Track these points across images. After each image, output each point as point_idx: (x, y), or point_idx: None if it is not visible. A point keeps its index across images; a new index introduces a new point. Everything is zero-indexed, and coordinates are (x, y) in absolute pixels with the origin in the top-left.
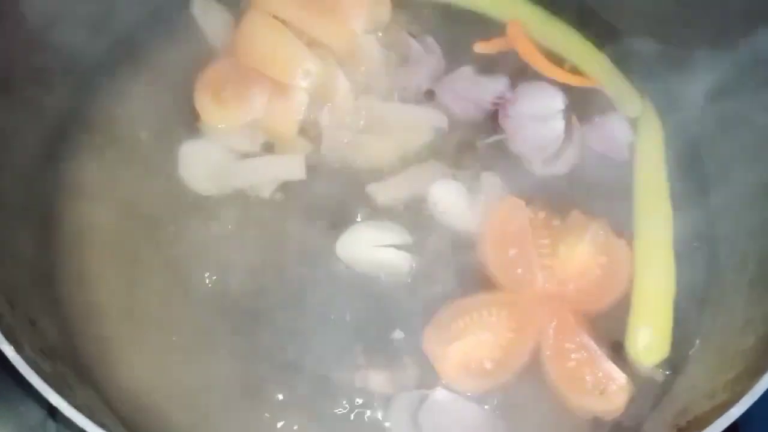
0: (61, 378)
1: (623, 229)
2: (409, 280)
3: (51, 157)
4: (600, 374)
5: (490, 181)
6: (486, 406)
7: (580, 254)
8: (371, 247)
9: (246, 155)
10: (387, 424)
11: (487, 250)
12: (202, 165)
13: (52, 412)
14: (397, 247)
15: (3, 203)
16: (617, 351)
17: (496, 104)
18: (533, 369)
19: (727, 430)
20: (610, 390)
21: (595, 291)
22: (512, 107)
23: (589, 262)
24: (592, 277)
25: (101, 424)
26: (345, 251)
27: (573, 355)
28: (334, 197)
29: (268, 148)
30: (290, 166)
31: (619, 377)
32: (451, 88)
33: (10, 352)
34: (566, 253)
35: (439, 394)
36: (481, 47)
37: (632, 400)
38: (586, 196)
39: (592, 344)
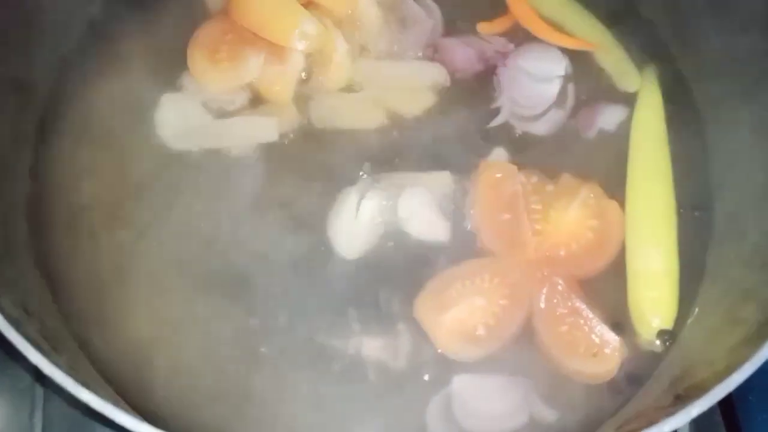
0: (45, 339)
1: (614, 191)
2: (402, 247)
3: (39, 124)
4: (593, 337)
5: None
6: (503, 374)
7: (572, 218)
8: (365, 215)
9: (226, 115)
10: (379, 391)
11: (479, 215)
12: (178, 121)
13: (40, 376)
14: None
15: None
16: (610, 314)
17: (499, 55)
18: (526, 335)
19: (722, 402)
20: (603, 352)
21: (588, 255)
22: (512, 59)
23: (581, 226)
24: (583, 241)
25: (84, 384)
26: (339, 220)
27: (565, 320)
28: (327, 161)
29: (251, 108)
30: (264, 128)
31: (612, 339)
32: (455, 41)
33: None
34: (557, 218)
35: (457, 383)
36: (483, 27)
37: (628, 366)
38: (577, 160)
39: (585, 308)
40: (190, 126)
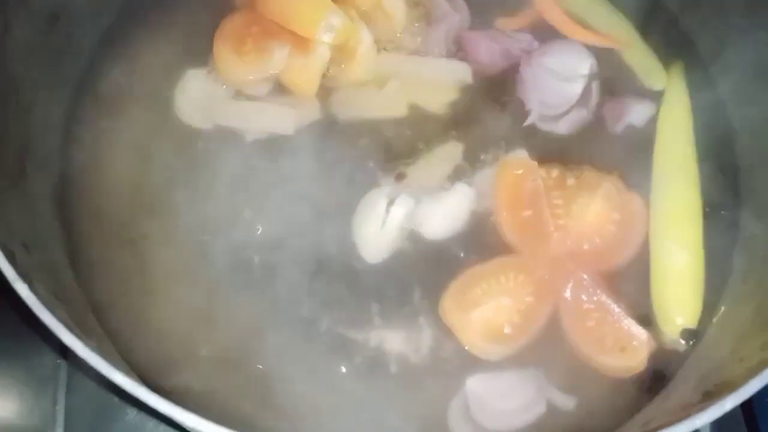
0: (73, 321)
1: (637, 184)
2: (425, 244)
3: (69, 111)
4: (620, 332)
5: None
6: (517, 368)
7: (594, 212)
8: (393, 222)
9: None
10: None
11: (501, 212)
12: (199, 97)
13: (65, 353)
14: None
15: (22, 154)
16: (636, 307)
17: (523, 53)
18: (552, 331)
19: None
20: (632, 346)
21: (611, 248)
22: (537, 57)
23: (603, 220)
24: (606, 234)
25: (116, 366)
26: (366, 226)
27: (592, 315)
28: (350, 155)
29: (274, 97)
30: (280, 119)
31: (639, 333)
32: (480, 35)
33: (24, 291)
34: (579, 212)
35: (472, 384)
36: (503, 23)
37: (653, 362)
38: (599, 153)
39: (611, 302)
40: (210, 103)
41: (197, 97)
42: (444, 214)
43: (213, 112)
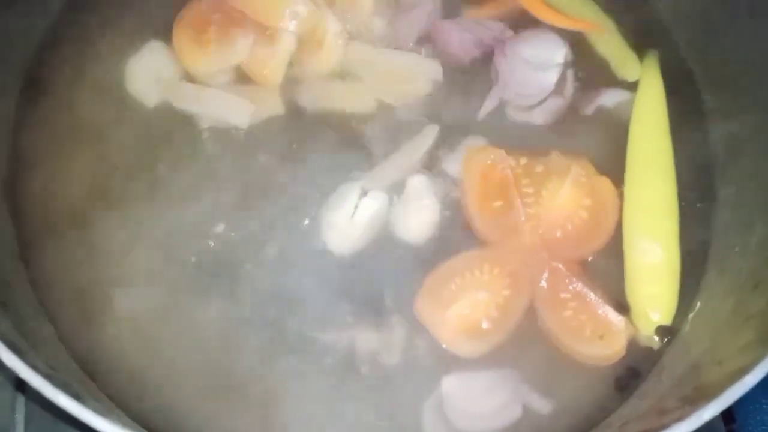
0: (24, 336)
1: (607, 168)
2: (396, 241)
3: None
4: (597, 320)
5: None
6: (493, 368)
7: (565, 199)
8: (363, 214)
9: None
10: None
11: (471, 204)
12: (150, 74)
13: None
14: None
15: None
16: (612, 294)
17: (496, 42)
18: (528, 329)
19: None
20: (610, 334)
21: (584, 235)
22: (511, 47)
23: (575, 206)
24: (578, 221)
25: (65, 385)
26: (335, 216)
27: (569, 304)
28: (316, 147)
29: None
30: (235, 110)
31: (617, 320)
32: (452, 24)
33: None
34: (550, 199)
35: (447, 384)
36: (474, 13)
37: (628, 360)
38: (568, 137)
39: (587, 291)
40: (164, 83)
41: (150, 73)
42: (416, 214)
43: (167, 92)
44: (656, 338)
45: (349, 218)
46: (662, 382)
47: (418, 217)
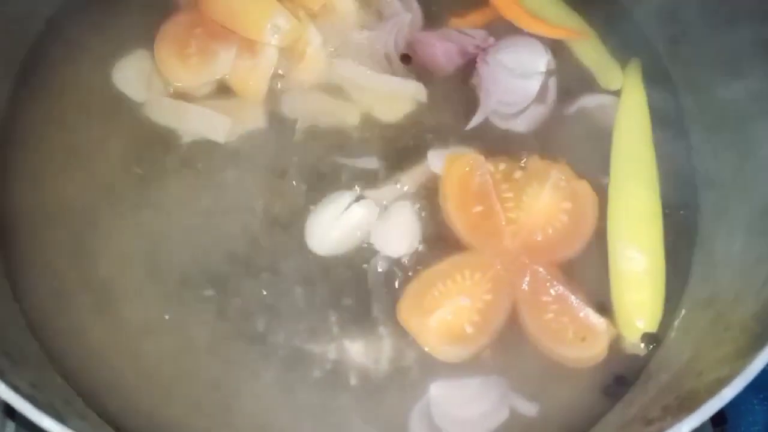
0: (6, 354)
1: (587, 171)
2: (380, 250)
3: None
4: (579, 322)
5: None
6: (480, 375)
7: (544, 203)
8: (350, 219)
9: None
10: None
11: (451, 210)
12: (138, 75)
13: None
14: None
15: None
16: (593, 295)
17: (479, 50)
18: (513, 334)
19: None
20: (592, 336)
21: (564, 238)
22: (493, 55)
23: (555, 210)
24: (558, 224)
25: (47, 405)
26: (318, 217)
27: (550, 307)
28: (301, 160)
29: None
30: (213, 126)
31: (599, 322)
32: (434, 35)
33: None
34: (530, 204)
35: (435, 391)
36: (456, 23)
37: (613, 367)
38: (548, 143)
39: (568, 294)
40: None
41: (138, 82)
42: (399, 224)
43: (148, 109)
44: (642, 345)
45: (334, 219)
46: (648, 391)
47: (401, 227)
